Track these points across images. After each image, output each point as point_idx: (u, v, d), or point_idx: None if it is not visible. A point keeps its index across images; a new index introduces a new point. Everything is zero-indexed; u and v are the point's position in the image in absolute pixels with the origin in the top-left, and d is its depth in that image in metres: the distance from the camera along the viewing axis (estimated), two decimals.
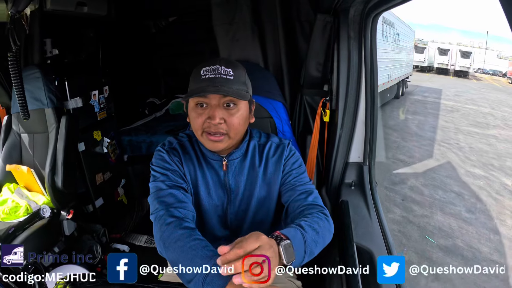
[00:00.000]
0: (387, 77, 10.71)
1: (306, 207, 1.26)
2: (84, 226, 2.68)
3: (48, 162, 2.43)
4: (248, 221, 1.37)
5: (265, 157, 1.37)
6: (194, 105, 1.25)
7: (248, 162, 1.36)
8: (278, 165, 1.37)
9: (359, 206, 1.68)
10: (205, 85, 1.20)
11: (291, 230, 1.06)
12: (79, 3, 2.43)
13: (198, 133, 1.27)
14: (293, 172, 1.37)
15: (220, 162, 1.34)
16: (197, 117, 1.24)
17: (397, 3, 1.41)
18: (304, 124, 2.11)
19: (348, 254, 1.33)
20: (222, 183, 1.35)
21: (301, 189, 1.33)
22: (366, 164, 1.88)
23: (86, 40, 3.09)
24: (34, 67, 2.43)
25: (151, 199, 1.26)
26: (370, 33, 1.72)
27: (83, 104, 2.73)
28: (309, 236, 1.09)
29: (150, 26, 4.50)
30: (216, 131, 1.23)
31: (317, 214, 1.22)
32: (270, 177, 1.36)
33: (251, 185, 1.36)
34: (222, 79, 1.22)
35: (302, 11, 2.07)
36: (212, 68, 1.22)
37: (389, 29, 10.37)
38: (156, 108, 4.41)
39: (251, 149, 1.38)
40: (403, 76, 14.12)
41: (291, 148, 1.42)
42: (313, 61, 1.98)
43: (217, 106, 1.22)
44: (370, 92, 1.79)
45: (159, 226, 1.17)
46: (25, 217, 2.24)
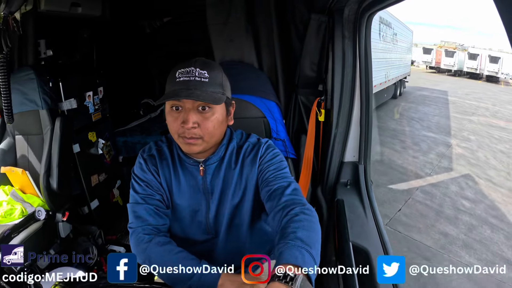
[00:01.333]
0: (384, 77, 10.73)
1: (286, 203, 1.17)
2: (80, 228, 2.67)
3: (43, 164, 2.42)
4: (226, 224, 1.35)
5: (241, 158, 1.34)
6: (169, 108, 1.23)
7: (224, 165, 1.33)
8: (253, 165, 1.33)
9: (355, 205, 1.68)
10: (179, 88, 1.18)
11: (295, 253, 0.97)
12: (73, 3, 2.42)
13: (175, 137, 1.25)
14: (270, 168, 1.31)
15: (197, 167, 1.32)
16: (173, 121, 1.22)
17: (391, 2, 1.42)
18: (299, 124, 2.11)
19: (344, 253, 1.33)
20: (200, 188, 1.33)
21: (279, 183, 1.26)
22: (361, 163, 1.89)
23: (81, 41, 3.08)
24: (28, 68, 2.42)
25: (129, 209, 1.33)
26: (364, 33, 1.73)
27: (78, 105, 2.72)
28: (311, 245, 1.02)
29: (144, 27, 4.49)
30: (189, 136, 1.21)
31: (302, 212, 1.13)
32: (246, 179, 1.33)
33: (226, 188, 1.33)
34: (196, 82, 1.18)
35: (296, 11, 2.07)
36: (186, 70, 1.20)
37: (386, 29, 10.38)
38: (151, 108, 4.40)
39: (229, 152, 1.34)
40: (401, 76, 14.15)
41: (268, 145, 1.36)
42: (308, 61, 1.98)
43: (190, 110, 1.19)
44: (365, 92, 1.80)
45: (136, 240, 1.26)
46: (20, 219, 2.23)
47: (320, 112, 1.96)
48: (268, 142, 1.37)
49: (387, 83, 11.28)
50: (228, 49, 2.08)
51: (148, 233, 1.26)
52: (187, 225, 1.36)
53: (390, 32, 11.08)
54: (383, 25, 9.95)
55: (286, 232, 1.04)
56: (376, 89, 9.74)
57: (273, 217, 1.19)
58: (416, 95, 16.15)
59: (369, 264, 1.29)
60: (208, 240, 1.37)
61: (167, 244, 1.23)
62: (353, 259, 1.31)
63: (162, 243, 1.23)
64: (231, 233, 1.35)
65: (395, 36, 11.90)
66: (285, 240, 1.01)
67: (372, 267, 1.27)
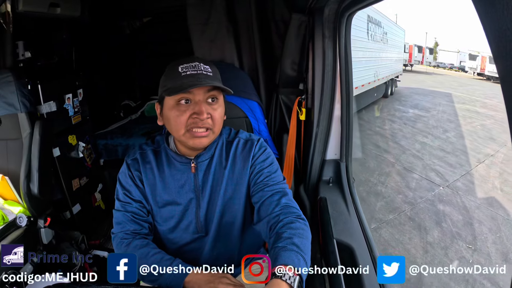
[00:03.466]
0: (374, 76, 10.73)
1: (281, 212, 1.22)
2: (62, 234, 2.63)
3: (22, 169, 2.37)
4: (216, 222, 1.35)
5: (232, 154, 1.36)
6: (174, 103, 1.23)
7: (214, 161, 1.34)
8: (245, 163, 1.34)
9: (338, 202, 1.70)
10: (189, 81, 1.19)
11: (292, 257, 1.04)
12: (52, 4, 2.38)
13: (179, 133, 1.24)
14: (264, 171, 1.33)
15: (189, 164, 1.32)
16: (180, 114, 1.22)
17: (370, 2, 1.44)
18: (280, 123, 2.13)
19: (329, 250, 1.34)
20: (190, 186, 1.33)
21: (273, 189, 1.29)
22: (343, 161, 1.91)
23: (59, 42, 3.03)
24: (6, 71, 2.37)
25: (114, 216, 1.36)
26: (344, 32, 1.75)
27: (57, 108, 2.68)
28: (306, 251, 1.09)
29: (124, 27, 4.45)
30: (202, 126, 1.23)
31: (297, 220, 1.19)
32: (237, 175, 1.34)
33: (217, 185, 1.34)
34: (204, 75, 1.22)
35: (277, 11, 2.08)
36: (191, 65, 1.22)
37: (375, 28, 10.36)
38: (131, 110, 4.37)
39: (218, 148, 1.36)
40: (392, 75, 14.13)
41: (261, 144, 1.38)
42: (288, 60, 1.99)
43: (202, 102, 1.22)
44: (345, 90, 1.82)
45: (116, 244, 1.32)
46: (1, 226, 2.18)
47: (301, 111, 1.97)
48: (261, 141, 1.39)
49: (376, 82, 11.28)
50: (209, 49, 2.08)
51: (126, 238, 1.30)
52: (176, 224, 1.35)
53: (380, 31, 11.06)
54: (372, 24, 9.93)
55: (283, 237, 1.10)
56: (365, 88, 9.78)
57: (267, 222, 1.23)
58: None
59: (354, 260, 1.31)
60: (197, 238, 1.37)
61: (144, 247, 1.26)
62: (338, 255, 1.32)
63: (140, 246, 1.26)
64: (222, 231, 1.36)
65: (385, 35, 11.90)
66: (282, 244, 1.07)
67: (356, 263, 1.29)
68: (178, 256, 1.27)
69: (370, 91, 11.04)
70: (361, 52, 8.78)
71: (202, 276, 1.13)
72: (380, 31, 11.17)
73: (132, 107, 4.42)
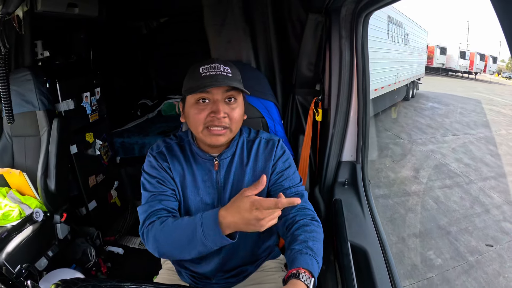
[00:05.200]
0: (394, 78, 10.56)
1: (298, 213, 1.30)
2: (78, 229, 2.66)
3: (40, 165, 2.41)
4: None
5: (254, 152, 1.40)
6: (194, 101, 1.28)
7: (236, 159, 1.39)
8: (267, 162, 1.39)
9: (353, 204, 1.68)
10: (208, 81, 1.23)
11: (307, 260, 1.12)
12: (70, 4, 2.42)
13: (198, 129, 1.29)
14: (284, 172, 1.39)
15: (212, 161, 1.36)
16: (198, 112, 1.26)
17: (387, 2, 1.42)
18: (297, 124, 2.12)
19: (343, 252, 1.33)
20: (213, 182, 1.36)
21: (292, 192, 1.36)
22: (359, 162, 1.89)
23: (77, 41, 3.07)
24: (25, 69, 2.41)
25: (140, 211, 1.32)
26: (361, 33, 1.73)
27: (75, 106, 2.71)
28: (319, 254, 1.17)
29: (141, 27, 4.49)
30: (219, 125, 1.26)
31: (312, 222, 1.27)
32: (258, 173, 1.38)
33: (238, 182, 1.38)
34: (223, 76, 1.25)
35: (293, 11, 2.07)
36: (211, 66, 1.26)
37: (396, 29, 10.18)
38: (148, 109, 4.40)
39: (239, 146, 1.40)
40: (413, 77, 13.94)
41: (282, 145, 1.43)
42: (305, 61, 1.98)
43: (220, 101, 1.26)
44: (362, 91, 1.80)
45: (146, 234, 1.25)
46: (18, 221, 2.22)
47: (317, 112, 1.96)
48: (281, 141, 1.44)
49: (397, 84, 11.10)
50: (226, 49, 2.08)
51: (152, 220, 1.26)
52: None
53: (401, 32, 10.84)
54: (393, 24, 9.74)
55: (299, 239, 1.20)
56: (385, 90, 9.62)
57: (284, 222, 1.30)
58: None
59: (367, 263, 1.30)
60: None
61: (167, 219, 1.24)
62: (351, 258, 1.31)
63: (162, 221, 1.23)
64: None
65: (406, 37, 11.69)
66: (298, 248, 1.16)
67: (369, 266, 1.27)
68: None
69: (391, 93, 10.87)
70: (381, 54, 8.65)
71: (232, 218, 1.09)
72: (401, 32, 10.93)
73: (149, 106, 4.45)
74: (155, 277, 1.60)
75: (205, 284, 1.46)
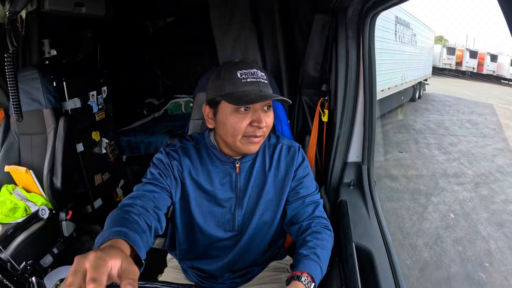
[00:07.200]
0: (401, 79, 10.49)
1: (313, 220, 1.34)
2: (83, 227, 2.68)
3: (46, 163, 2.42)
4: (254, 222, 1.38)
5: (276, 158, 1.39)
6: (233, 109, 1.22)
7: (258, 163, 1.38)
8: (289, 169, 1.39)
9: (358, 205, 1.67)
10: (250, 89, 1.20)
11: (312, 266, 1.17)
12: (77, 3, 2.43)
13: (236, 138, 1.24)
14: (304, 180, 1.40)
15: (233, 164, 1.34)
16: (239, 121, 1.21)
17: (395, 2, 1.41)
18: (303, 124, 2.11)
19: (347, 254, 1.32)
20: (232, 185, 1.35)
21: (310, 200, 1.39)
22: (364, 163, 1.88)
23: (84, 40, 3.09)
24: (32, 68, 2.43)
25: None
26: (368, 33, 1.72)
27: (82, 105, 2.73)
28: (324, 262, 1.22)
29: (148, 26, 4.51)
30: (260, 134, 1.24)
31: (324, 231, 1.31)
32: (280, 180, 1.38)
33: (258, 186, 1.37)
34: (262, 83, 1.23)
35: (300, 11, 2.07)
36: (250, 71, 1.23)
37: (403, 29, 10.11)
38: (154, 108, 4.42)
39: (261, 150, 1.39)
40: (420, 78, 13.86)
41: (302, 152, 1.44)
42: (312, 61, 1.98)
43: (260, 110, 1.23)
44: (369, 92, 1.79)
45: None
46: (24, 218, 2.23)
47: (323, 113, 1.95)
48: (301, 149, 1.45)
49: (403, 85, 11.02)
50: (232, 49, 2.08)
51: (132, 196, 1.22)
52: (213, 220, 1.37)
53: (408, 33, 10.78)
54: (400, 25, 9.67)
55: (308, 245, 1.24)
56: (391, 91, 9.52)
57: (299, 228, 1.35)
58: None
59: (372, 265, 1.29)
60: (232, 237, 1.39)
61: (132, 206, 1.16)
62: (356, 259, 1.30)
63: (127, 204, 1.18)
64: (257, 231, 1.40)
65: (414, 37, 11.63)
66: (306, 253, 1.21)
67: (374, 267, 1.27)
68: (207, 250, 1.38)
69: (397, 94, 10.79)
70: (388, 55, 8.53)
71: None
72: (409, 33, 10.86)
73: (155, 105, 4.47)
74: (160, 275, 1.60)
75: (210, 283, 1.46)
